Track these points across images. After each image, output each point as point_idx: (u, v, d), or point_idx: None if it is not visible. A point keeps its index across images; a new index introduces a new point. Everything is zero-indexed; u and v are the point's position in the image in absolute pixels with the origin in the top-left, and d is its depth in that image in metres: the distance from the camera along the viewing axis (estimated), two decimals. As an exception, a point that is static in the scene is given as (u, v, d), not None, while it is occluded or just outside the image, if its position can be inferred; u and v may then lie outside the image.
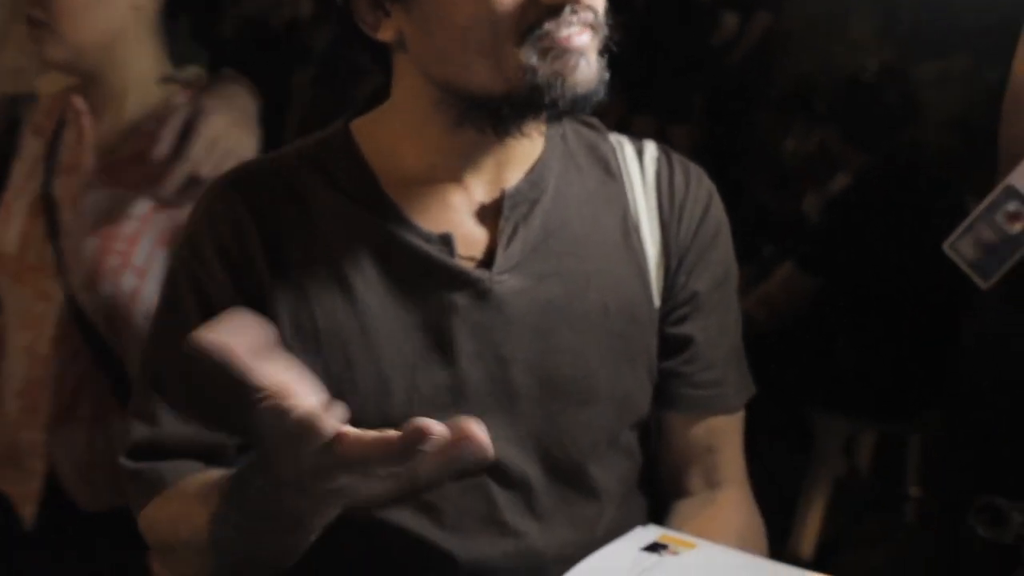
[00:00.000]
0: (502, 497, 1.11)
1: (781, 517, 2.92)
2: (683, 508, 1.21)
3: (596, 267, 1.15)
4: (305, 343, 1.08)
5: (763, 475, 1.39)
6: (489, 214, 1.12)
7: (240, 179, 1.15)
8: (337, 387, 1.06)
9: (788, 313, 3.06)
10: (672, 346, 1.19)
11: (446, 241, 1.10)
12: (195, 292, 1.11)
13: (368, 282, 1.09)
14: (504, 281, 1.10)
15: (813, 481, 3.19)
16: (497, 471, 1.10)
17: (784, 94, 4.44)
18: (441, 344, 1.09)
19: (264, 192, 1.12)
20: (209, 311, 1.07)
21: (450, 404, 1.08)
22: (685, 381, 1.20)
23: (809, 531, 3.13)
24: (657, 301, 1.18)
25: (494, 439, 1.07)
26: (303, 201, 1.11)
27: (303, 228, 1.11)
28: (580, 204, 1.16)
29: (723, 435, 1.23)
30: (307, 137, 1.18)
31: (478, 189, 1.13)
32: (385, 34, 1.07)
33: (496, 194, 1.13)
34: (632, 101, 4.77)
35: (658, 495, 1.25)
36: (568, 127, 1.19)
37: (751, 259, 3.36)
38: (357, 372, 1.08)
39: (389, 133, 1.13)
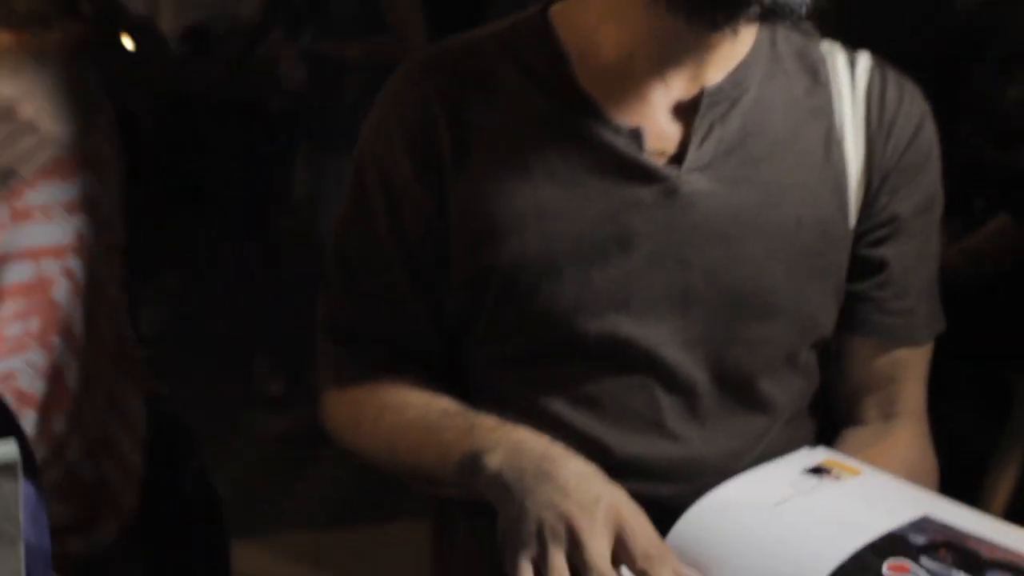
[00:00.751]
0: (666, 400, 1.10)
1: (969, 478, 2.82)
2: (854, 437, 1.18)
3: (792, 177, 1.11)
4: (480, 227, 1.09)
5: (953, 436, 1.35)
6: (686, 111, 1.09)
7: (430, 61, 1.15)
8: (508, 275, 1.08)
9: (993, 268, 2.93)
10: (865, 268, 1.15)
11: (636, 135, 1.08)
12: (379, 172, 1.13)
13: (550, 170, 1.08)
14: (693, 181, 1.08)
15: (1008, 447, 3.06)
16: (663, 373, 1.09)
17: (1012, 43, 4.20)
18: (621, 239, 1.07)
19: (454, 74, 1.12)
20: (391, 192, 1.12)
21: (621, 301, 1.07)
22: (875, 306, 1.16)
23: (999, 498, 3.01)
24: (853, 220, 1.13)
25: (663, 342, 1.09)
26: (492, 85, 1.11)
27: (490, 112, 1.10)
28: (782, 110, 1.12)
29: (907, 367, 1.19)
30: (504, 19, 1.16)
31: (677, 84, 1.10)
32: None
33: (695, 91, 1.09)
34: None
35: (830, 421, 1.22)
36: (779, 31, 1.15)
37: (960, 211, 3.22)
38: (530, 262, 1.08)
39: (588, 18, 1.10)
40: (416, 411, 1.11)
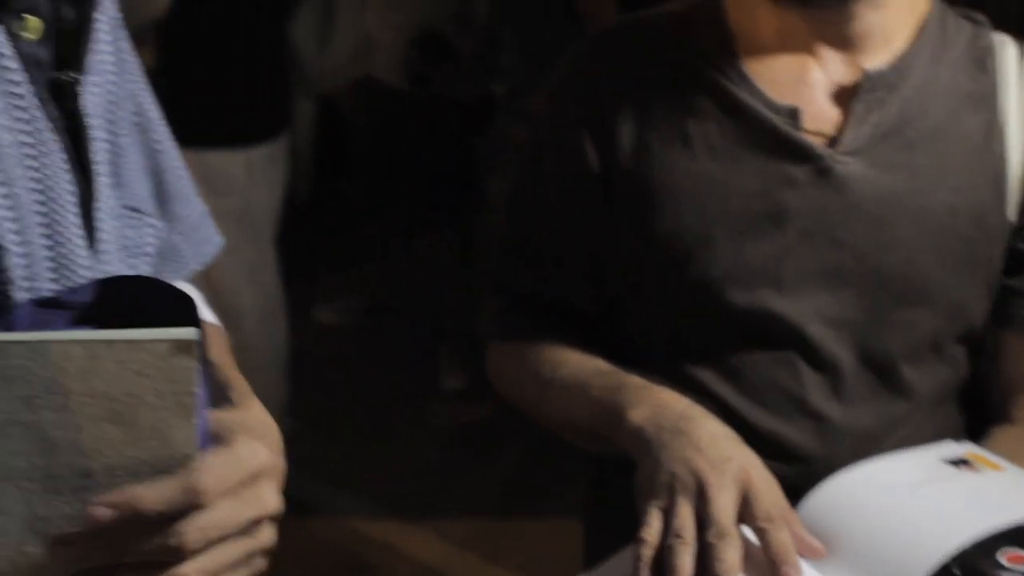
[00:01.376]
0: (809, 377, 1.11)
1: None
2: (1002, 434, 1.15)
3: (949, 165, 1.11)
4: (641, 193, 1.14)
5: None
6: (845, 93, 1.11)
7: (607, 36, 1.21)
8: (664, 241, 1.12)
9: None
10: (1020, 263, 1.14)
11: (793, 114, 1.10)
12: (553, 139, 1.20)
13: (710, 144, 1.12)
14: (848, 163, 1.09)
15: None
16: (808, 350, 1.11)
17: None
18: (773, 215, 1.10)
19: (628, 49, 1.17)
20: (563, 157, 1.18)
21: (772, 275, 1.10)
22: None
23: None
24: (1012, 214, 1.13)
25: (810, 319, 1.11)
26: (663, 60, 1.15)
27: (657, 85, 1.15)
28: (944, 97, 1.12)
29: None
30: (675, 2, 1.21)
31: (835, 66, 1.12)
32: None
33: (857, 74, 1.11)
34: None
35: (983, 417, 1.20)
36: (950, 17, 1.16)
37: None
38: (684, 229, 1.12)
39: (753, 3, 1.13)
40: (570, 367, 1.17)
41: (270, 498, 0.71)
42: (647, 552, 0.95)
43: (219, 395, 0.72)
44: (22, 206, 0.70)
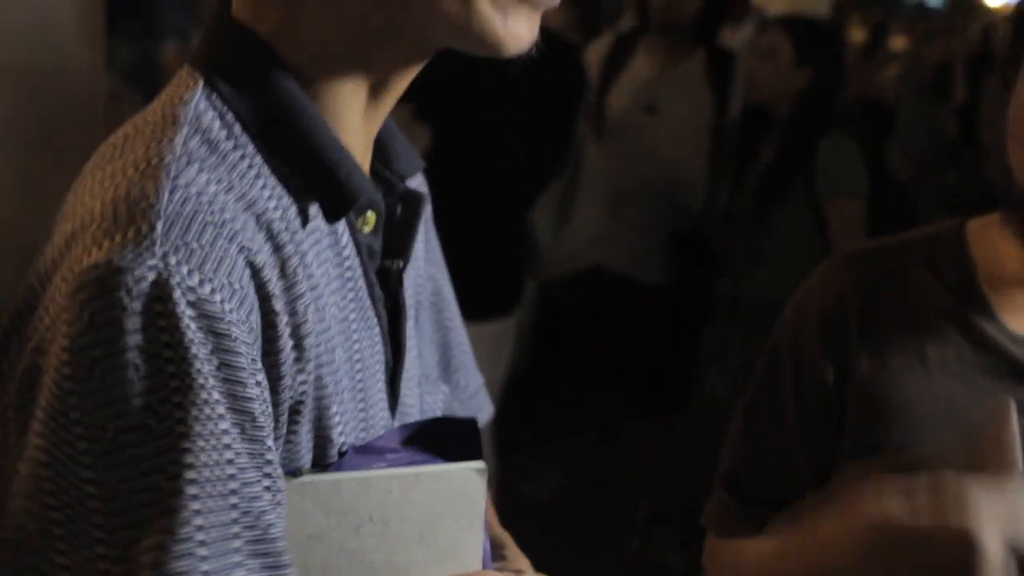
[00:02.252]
0: None
1: None
2: None
3: None
4: (874, 405, 1.20)
5: None
6: None
7: (852, 256, 1.31)
8: (893, 456, 1.18)
9: None
10: None
11: None
12: (791, 347, 1.28)
13: (947, 368, 1.18)
14: None
15: None
16: None
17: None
18: None
19: (871, 269, 1.26)
20: (799, 364, 1.26)
21: None
22: None
23: None
24: None
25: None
26: (904, 282, 1.23)
27: (898, 305, 1.22)
28: None
29: None
30: (920, 228, 1.30)
31: None
32: None
33: None
34: None
35: None
36: None
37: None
38: (918, 444, 1.17)
39: (993, 235, 1.21)
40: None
41: None
42: None
43: (495, 550, 0.84)
44: (340, 373, 0.80)
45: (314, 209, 0.78)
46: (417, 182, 0.95)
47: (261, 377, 0.70)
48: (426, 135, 2.97)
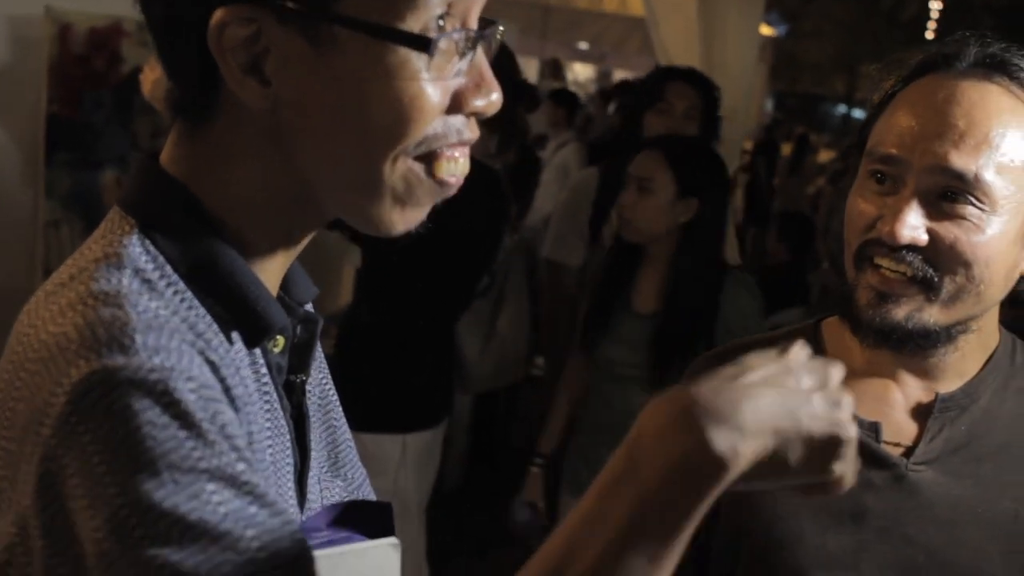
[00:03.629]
0: None
1: None
2: None
3: (1012, 477, 1.28)
4: (743, 495, 1.33)
5: None
6: (921, 412, 1.31)
7: (717, 354, 1.44)
8: (760, 532, 1.30)
9: None
10: None
11: (874, 428, 1.30)
12: None
13: None
14: (921, 471, 1.28)
15: None
16: None
17: None
18: (854, 512, 1.28)
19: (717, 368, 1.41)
20: None
21: (851, 565, 1.27)
22: None
23: None
24: None
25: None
26: None
27: None
28: (1009, 419, 1.30)
29: None
30: (786, 327, 1.45)
31: (914, 389, 1.31)
32: None
33: (932, 396, 1.30)
34: None
35: None
36: (1020, 350, 1.35)
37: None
38: (779, 521, 1.30)
39: (844, 335, 1.35)
40: None
41: None
42: None
43: None
44: (267, 472, 0.92)
45: (235, 335, 0.90)
46: (311, 306, 1.07)
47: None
48: (357, 254, 3.11)
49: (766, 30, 6.16)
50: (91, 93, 3.23)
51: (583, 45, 10.49)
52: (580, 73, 15.48)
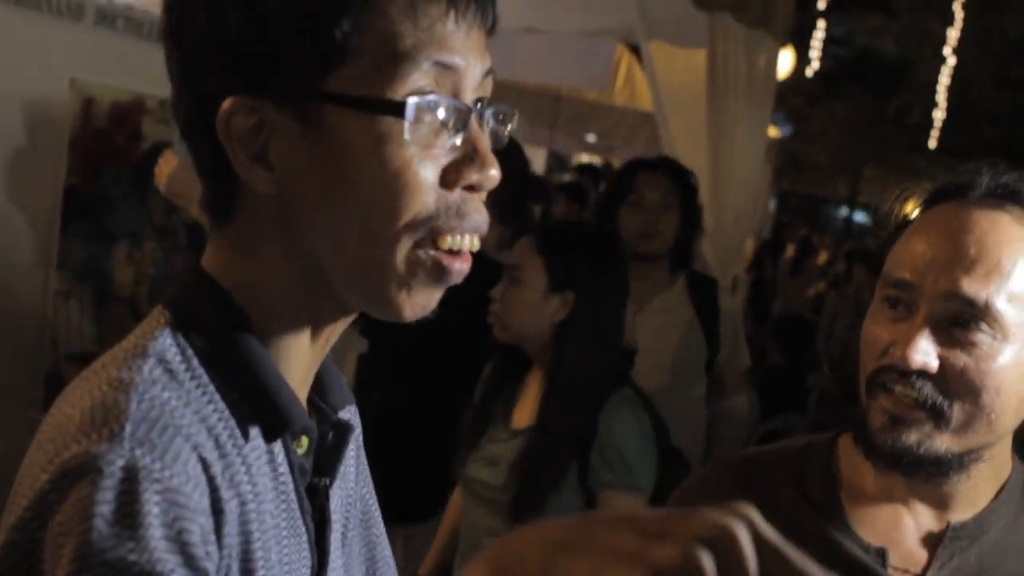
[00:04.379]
0: None
1: None
2: None
3: None
4: None
5: None
6: (932, 539, 1.32)
7: (732, 466, 1.45)
8: None
9: None
10: None
11: (881, 554, 1.31)
12: None
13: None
14: None
15: None
16: None
17: None
18: None
19: (744, 485, 1.40)
20: None
21: None
22: None
23: None
24: None
25: None
26: (774, 500, 1.37)
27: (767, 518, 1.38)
28: (1021, 551, 1.31)
29: None
30: (800, 437, 1.45)
31: (925, 517, 1.33)
32: None
33: (943, 524, 1.32)
34: None
35: None
36: None
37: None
38: None
39: (858, 457, 1.34)
40: None
41: None
42: None
43: None
44: (274, 571, 0.91)
45: (255, 431, 0.92)
46: (349, 413, 1.09)
47: (212, 549, 0.83)
48: (363, 345, 3.12)
49: (772, 131, 6.23)
50: (111, 168, 3.27)
51: (591, 137, 10.59)
52: (586, 165, 15.60)
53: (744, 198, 4.61)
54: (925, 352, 1.22)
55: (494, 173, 0.92)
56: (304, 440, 0.98)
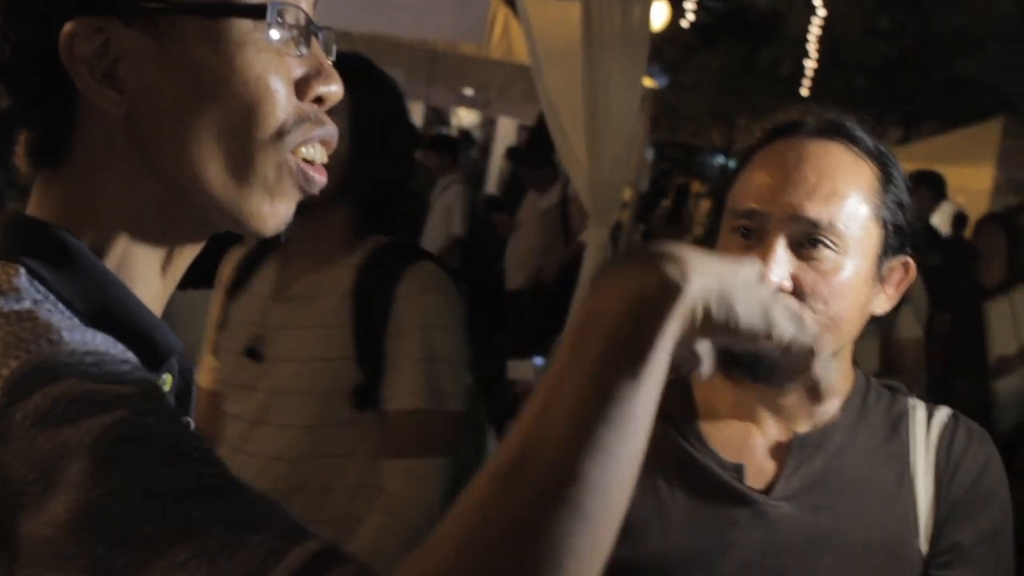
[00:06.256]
0: None
1: None
2: None
3: (866, 509, 1.37)
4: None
5: None
6: (780, 451, 1.41)
7: None
8: (629, 566, 1.35)
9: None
10: None
11: (738, 469, 1.40)
12: None
13: (673, 492, 1.40)
14: (780, 507, 1.38)
15: None
16: None
17: None
18: (720, 549, 1.36)
19: None
20: None
21: None
22: None
23: None
24: (925, 546, 1.38)
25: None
26: None
27: None
28: (862, 455, 1.41)
29: None
30: None
31: (775, 429, 1.43)
32: None
33: (790, 435, 1.42)
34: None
35: None
36: (872, 389, 1.47)
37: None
38: (651, 555, 1.37)
39: (714, 382, 1.42)
40: None
41: None
42: None
43: None
44: None
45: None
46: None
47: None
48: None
49: (648, 82, 6.30)
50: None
51: (468, 91, 10.57)
52: (465, 119, 15.59)
53: (620, 147, 4.66)
54: (781, 271, 1.31)
55: (338, 88, 0.93)
56: (168, 378, 0.96)
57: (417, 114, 11.14)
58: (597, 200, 4.63)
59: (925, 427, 1.44)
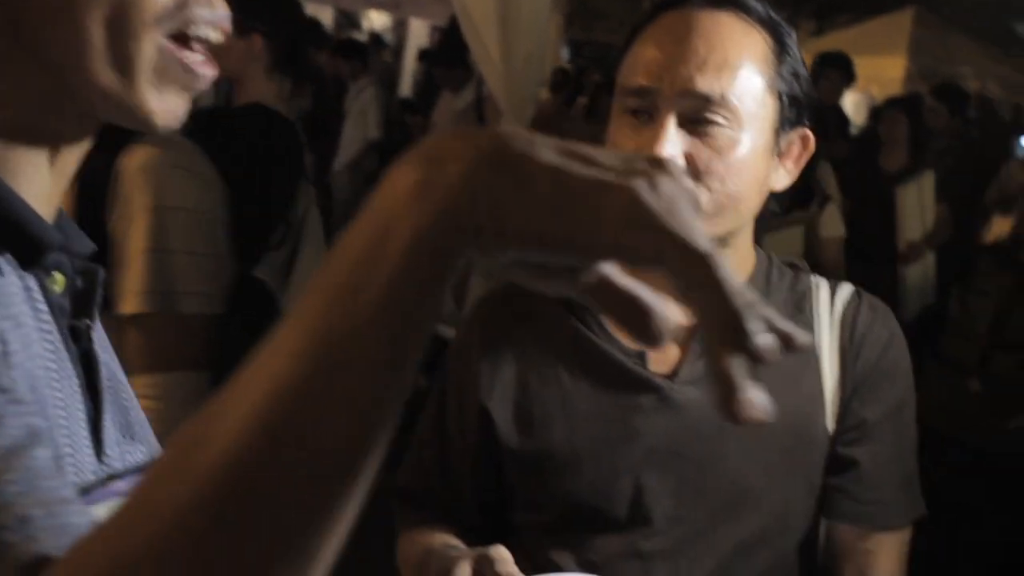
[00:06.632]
0: (655, 565, 1.37)
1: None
2: None
3: (771, 389, 1.36)
4: (522, 424, 1.41)
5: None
6: (684, 335, 1.39)
7: (487, 298, 1.52)
8: (537, 457, 1.39)
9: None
10: (839, 465, 1.39)
11: (640, 355, 1.39)
12: (456, 377, 1.49)
13: (576, 382, 1.40)
14: (685, 391, 1.37)
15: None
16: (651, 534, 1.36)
17: None
18: (626, 436, 1.37)
19: (518, 300, 1.47)
20: (461, 388, 1.46)
21: (629, 483, 1.36)
22: (848, 496, 1.39)
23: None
24: (832, 424, 1.39)
25: (661, 518, 1.35)
26: (539, 315, 1.45)
27: (536, 331, 1.44)
28: None
29: (882, 549, 1.40)
30: None
31: (677, 313, 1.40)
32: None
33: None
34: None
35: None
36: (775, 268, 1.45)
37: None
38: (557, 447, 1.38)
39: None
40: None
41: None
42: None
43: None
44: (50, 419, 0.87)
45: (6, 266, 0.86)
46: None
47: None
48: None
49: (560, -22, 6.23)
50: None
51: (379, -8, 10.35)
52: (376, 21, 15.28)
53: (533, 44, 4.60)
54: (673, 149, 1.26)
55: None
56: (59, 277, 0.93)
57: (327, 17, 10.88)
58: (512, 98, 4.58)
59: (829, 305, 1.42)
